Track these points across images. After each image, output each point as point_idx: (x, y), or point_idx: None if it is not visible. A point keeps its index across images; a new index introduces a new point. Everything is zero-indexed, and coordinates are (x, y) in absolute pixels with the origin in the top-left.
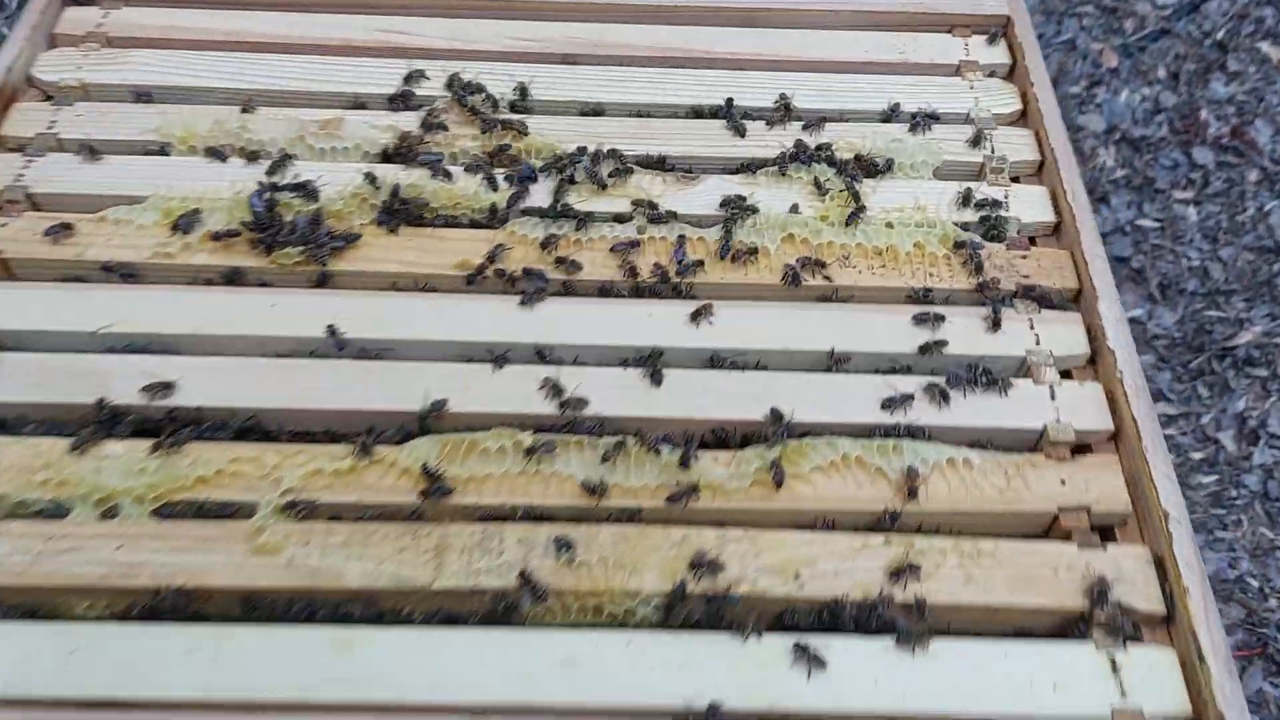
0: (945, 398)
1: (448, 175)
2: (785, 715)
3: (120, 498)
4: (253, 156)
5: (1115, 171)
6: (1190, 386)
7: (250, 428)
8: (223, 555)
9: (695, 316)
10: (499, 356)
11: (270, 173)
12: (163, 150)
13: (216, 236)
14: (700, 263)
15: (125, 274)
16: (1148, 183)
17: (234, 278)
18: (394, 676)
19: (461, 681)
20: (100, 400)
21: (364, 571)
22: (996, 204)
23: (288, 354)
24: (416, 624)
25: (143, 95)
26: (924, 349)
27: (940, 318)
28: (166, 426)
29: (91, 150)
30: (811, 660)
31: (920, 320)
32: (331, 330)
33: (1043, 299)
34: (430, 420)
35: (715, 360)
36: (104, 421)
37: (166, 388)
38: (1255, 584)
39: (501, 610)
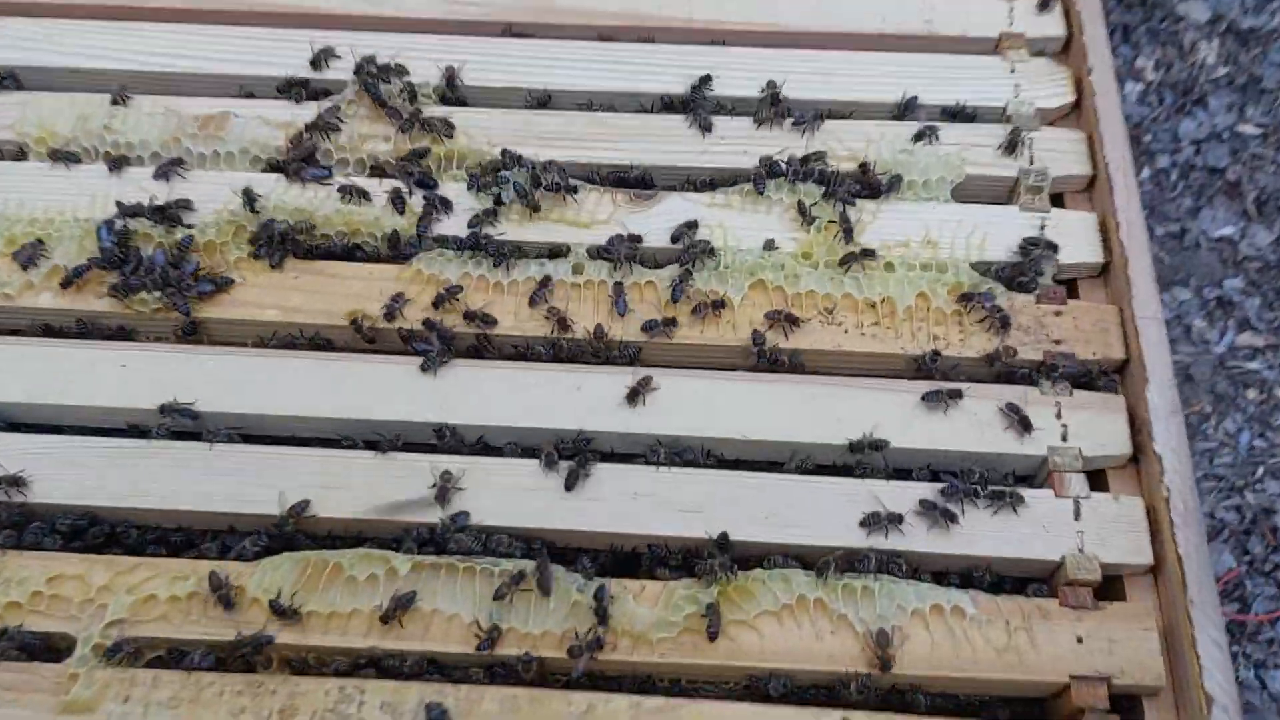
0: (948, 518)
1: (351, 194)
2: None
3: None
4: (120, 163)
5: (1217, 69)
6: None
7: (83, 527)
8: (26, 712)
9: (634, 395)
10: (384, 441)
11: (114, 168)
12: (21, 152)
13: (66, 282)
14: (669, 321)
15: None
16: (1253, 82)
17: (86, 326)
18: None
19: None
20: None
21: None
22: (1035, 244)
23: (139, 424)
24: None
25: (4, 78)
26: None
27: (956, 395)
28: None
29: None
30: None
31: (932, 401)
32: (180, 411)
33: (1077, 376)
34: (291, 525)
35: (652, 452)
36: None
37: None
38: None
39: None
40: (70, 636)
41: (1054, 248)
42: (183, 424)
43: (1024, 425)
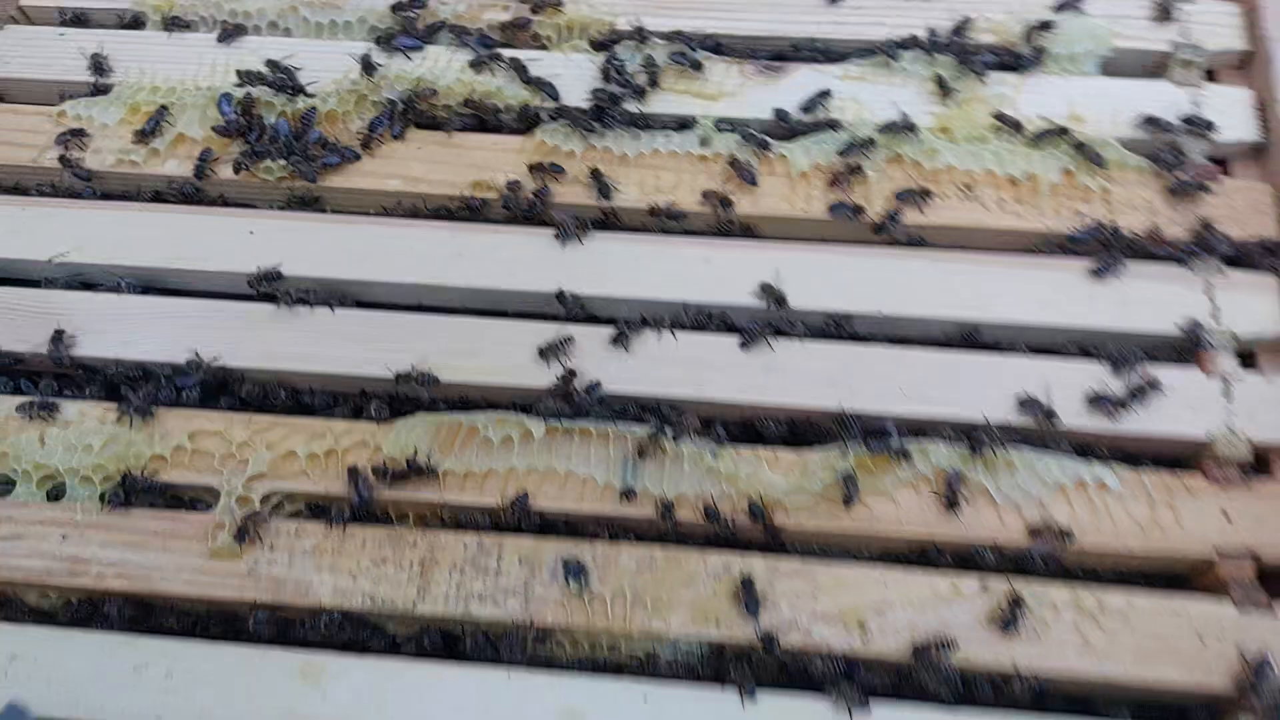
0: (1117, 405)
1: (480, 63)
2: None
3: (67, 477)
4: (236, 32)
5: None
6: None
7: (216, 383)
8: (176, 556)
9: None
10: (515, 310)
11: (229, 37)
12: (136, 21)
13: (199, 172)
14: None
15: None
16: None
17: (208, 195)
18: (369, 714)
19: None
20: (52, 350)
21: (336, 587)
22: (1189, 122)
23: (270, 290)
24: (398, 653)
25: None
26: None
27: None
28: (124, 385)
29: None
30: None
31: (1101, 272)
32: (295, 294)
33: (1230, 256)
34: (423, 390)
35: (784, 324)
36: (56, 375)
37: (125, 343)
38: None
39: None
40: (214, 489)
41: (1209, 125)
42: (314, 292)
43: (1179, 309)
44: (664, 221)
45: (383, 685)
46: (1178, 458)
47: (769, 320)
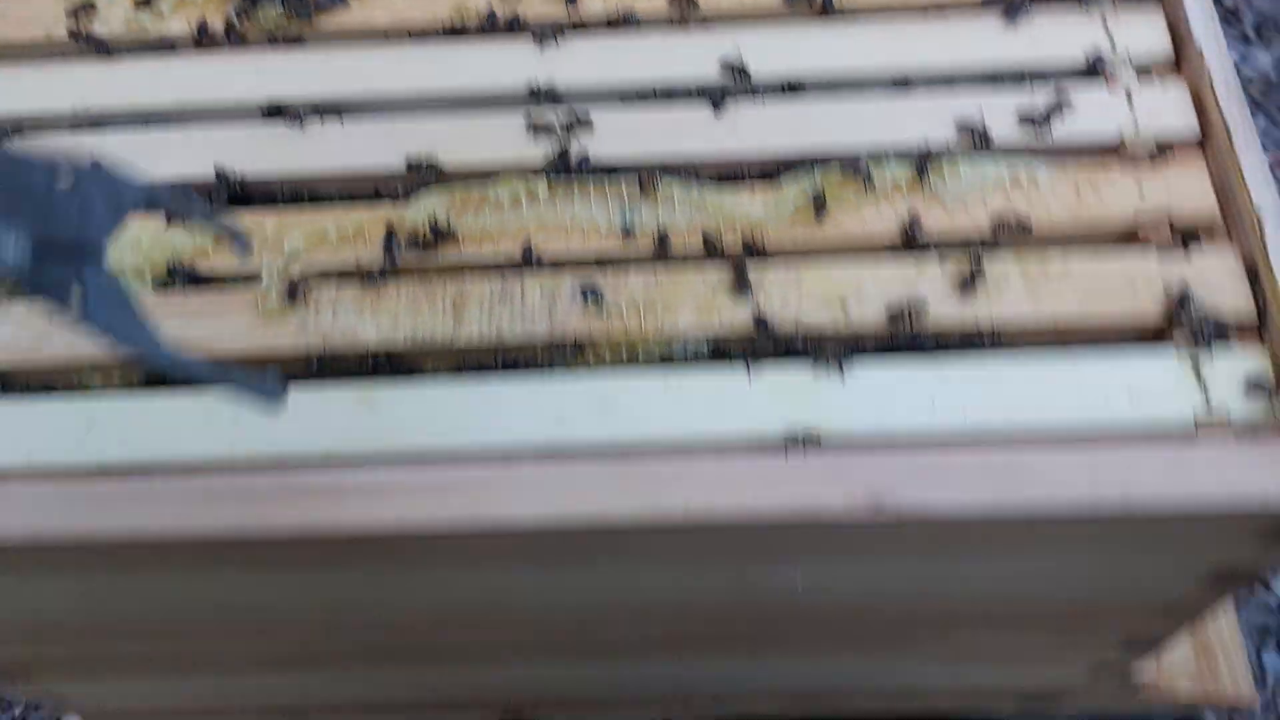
0: (1033, 121)
1: None
2: (839, 436)
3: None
4: None
5: None
6: None
7: (242, 194)
8: (231, 322)
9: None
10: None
11: None
12: None
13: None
14: None
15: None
16: None
17: (207, 39)
18: (422, 426)
19: (493, 426)
20: None
21: (379, 331)
22: None
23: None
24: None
25: None
26: None
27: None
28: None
29: None
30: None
31: (1011, 15)
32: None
33: None
34: (432, 175)
35: (747, 92)
36: None
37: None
38: None
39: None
40: (255, 273)
41: None
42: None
43: None
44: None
45: (432, 401)
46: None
47: (734, 90)
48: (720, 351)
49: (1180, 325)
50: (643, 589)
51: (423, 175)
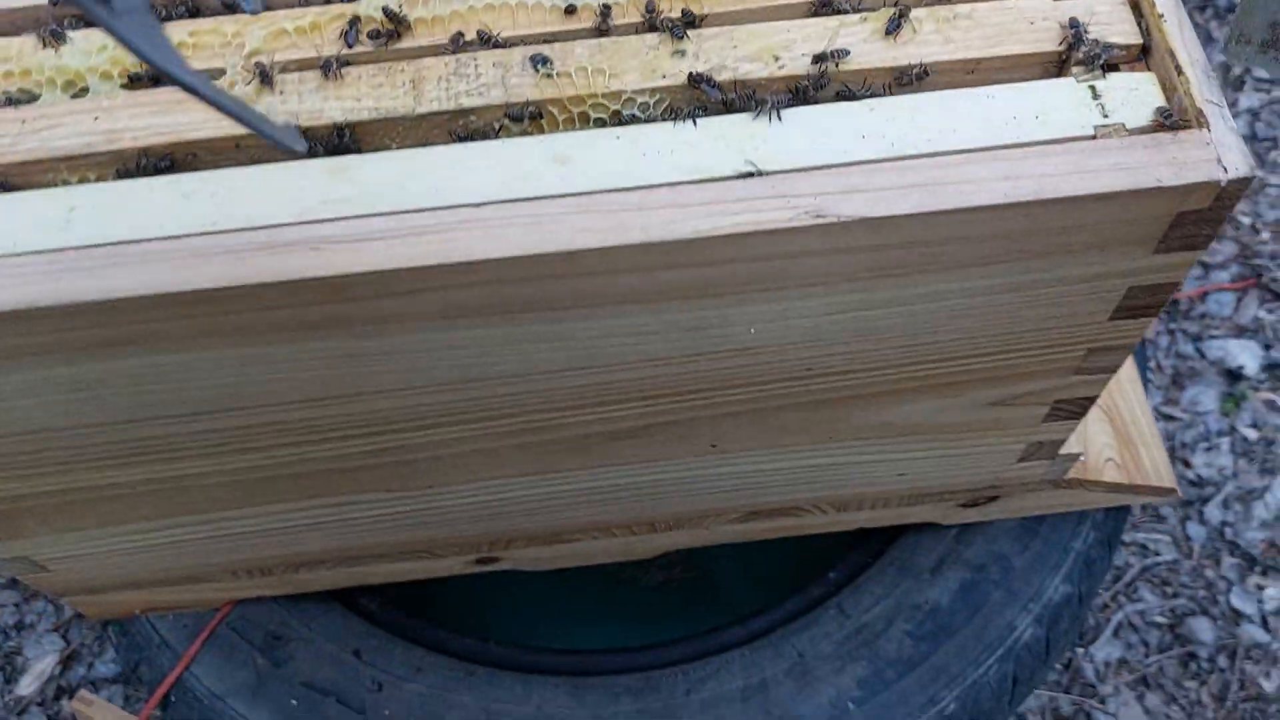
0: None
1: None
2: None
3: (87, 77)
4: None
5: None
6: None
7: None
8: (201, 113)
9: None
10: None
11: None
12: None
13: None
14: None
15: None
16: None
17: None
18: (393, 190)
19: (459, 187)
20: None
21: (344, 109)
22: None
23: None
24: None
25: None
26: None
27: None
28: None
29: None
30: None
31: None
32: None
33: None
34: None
35: None
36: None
37: None
38: (1247, 221)
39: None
40: (220, 68)
41: None
42: None
43: None
44: None
45: (399, 168)
46: None
47: None
48: (670, 111)
49: (1077, 55)
50: (607, 349)
51: None
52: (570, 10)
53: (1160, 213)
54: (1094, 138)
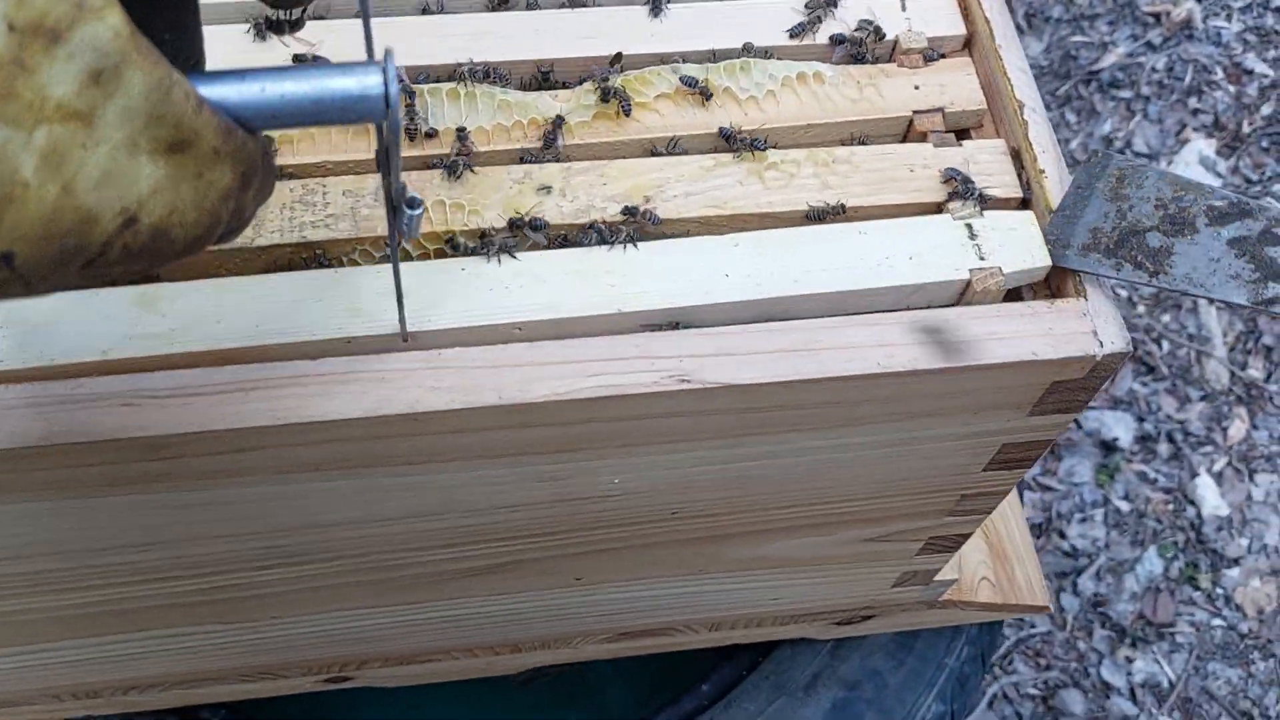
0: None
1: None
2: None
3: None
4: None
5: None
6: (1059, 114)
7: None
8: None
9: None
10: None
11: None
12: None
13: None
14: None
15: None
16: None
17: None
18: (207, 326)
19: (284, 325)
20: None
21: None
22: None
23: None
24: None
25: None
26: None
27: None
28: None
29: None
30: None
31: None
32: None
33: None
34: None
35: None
36: None
37: None
38: (1124, 294)
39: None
40: None
41: None
42: None
43: None
44: None
45: (217, 298)
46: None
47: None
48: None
49: (956, 198)
50: (460, 498)
51: None
52: (430, 135)
53: (1035, 382)
54: (969, 283)
